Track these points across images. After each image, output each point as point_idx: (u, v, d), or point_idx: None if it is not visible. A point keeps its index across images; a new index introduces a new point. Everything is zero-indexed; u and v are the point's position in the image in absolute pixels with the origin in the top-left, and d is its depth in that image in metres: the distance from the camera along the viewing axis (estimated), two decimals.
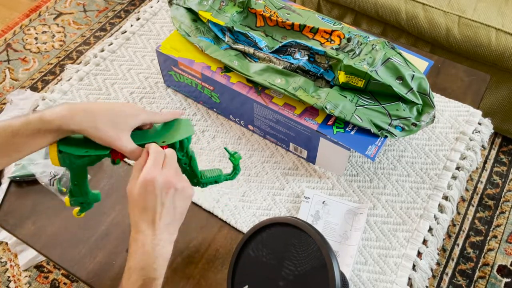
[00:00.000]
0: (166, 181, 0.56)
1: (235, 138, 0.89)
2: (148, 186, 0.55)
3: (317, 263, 0.57)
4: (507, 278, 1.31)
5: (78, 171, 0.63)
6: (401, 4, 1.39)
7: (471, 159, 0.85)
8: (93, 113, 0.58)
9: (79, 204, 0.67)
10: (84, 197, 0.66)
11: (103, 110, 0.59)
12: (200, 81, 0.86)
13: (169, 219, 0.57)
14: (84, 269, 0.73)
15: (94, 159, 0.61)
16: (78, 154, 0.59)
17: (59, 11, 2.09)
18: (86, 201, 0.67)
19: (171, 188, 0.56)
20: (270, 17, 0.88)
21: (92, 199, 0.68)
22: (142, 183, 0.55)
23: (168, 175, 0.56)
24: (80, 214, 0.68)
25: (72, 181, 0.64)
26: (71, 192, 0.65)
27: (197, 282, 0.72)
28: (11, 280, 1.32)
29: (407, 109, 0.77)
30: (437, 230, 0.77)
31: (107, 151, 0.60)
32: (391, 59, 0.77)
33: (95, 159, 0.61)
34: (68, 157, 0.59)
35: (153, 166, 0.56)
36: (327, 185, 0.82)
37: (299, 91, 0.77)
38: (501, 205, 1.45)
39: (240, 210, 0.79)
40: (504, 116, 1.46)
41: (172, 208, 0.57)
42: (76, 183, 0.64)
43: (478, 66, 1.37)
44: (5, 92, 1.80)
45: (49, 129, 0.56)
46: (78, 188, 0.64)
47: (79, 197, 0.66)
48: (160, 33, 1.07)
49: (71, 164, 0.60)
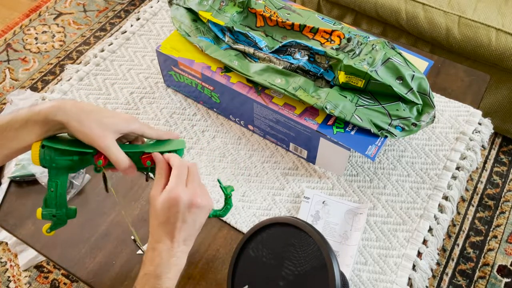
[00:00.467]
0: (190, 200, 0.56)
1: (235, 138, 0.89)
2: (172, 204, 0.56)
3: (317, 263, 0.57)
4: (507, 278, 1.31)
5: (57, 174, 0.58)
6: (401, 4, 1.39)
7: (471, 159, 0.85)
8: (82, 108, 0.57)
9: (51, 217, 0.60)
10: (59, 210, 0.60)
11: (93, 108, 0.58)
12: (200, 81, 0.86)
13: (188, 233, 0.58)
14: (84, 269, 0.73)
15: (77, 162, 0.58)
16: (60, 148, 0.56)
17: (59, 11, 2.09)
18: (59, 215, 0.61)
19: (193, 207, 0.57)
20: (270, 17, 0.88)
21: (67, 214, 0.61)
22: (166, 199, 0.56)
23: (192, 194, 0.57)
24: (50, 232, 0.62)
25: (49, 187, 0.58)
26: (45, 201, 0.59)
27: (197, 282, 0.72)
28: (11, 280, 1.32)
29: (407, 109, 0.77)
30: (437, 230, 0.77)
31: (91, 150, 0.57)
32: (391, 59, 0.77)
33: (77, 162, 0.58)
34: (49, 153, 0.56)
35: (177, 183, 0.56)
36: (327, 185, 0.82)
37: (299, 91, 0.77)
38: (501, 205, 1.45)
39: (240, 210, 0.79)
40: (504, 116, 1.46)
41: (193, 224, 0.58)
42: (52, 190, 0.58)
43: (478, 66, 1.37)
44: (5, 92, 1.80)
45: (37, 120, 0.55)
46: (54, 196, 0.59)
47: (53, 208, 0.60)
48: (160, 33, 1.07)
49: (51, 161, 0.56)
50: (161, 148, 0.62)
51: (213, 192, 0.81)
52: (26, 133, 0.56)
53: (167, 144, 0.63)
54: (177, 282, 0.73)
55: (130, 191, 0.81)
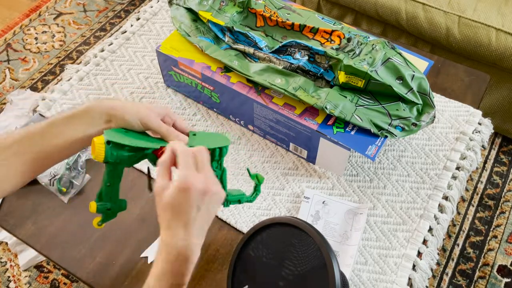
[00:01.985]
0: (203, 187, 0.53)
1: (235, 138, 0.89)
2: (185, 193, 0.52)
3: (317, 263, 0.57)
4: (507, 278, 1.31)
5: (117, 169, 0.57)
6: (401, 4, 1.39)
7: (471, 159, 0.85)
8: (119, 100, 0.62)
9: (105, 210, 0.60)
10: (113, 203, 0.60)
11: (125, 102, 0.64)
12: (200, 81, 0.86)
13: (202, 223, 0.55)
14: (84, 269, 0.73)
15: (139, 158, 0.58)
16: (128, 145, 0.56)
17: (59, 11, 2.09)
18: (113, 208, 0.61)
19: (207, 194, 0.54)
20: (270, 17, 0.88)
21: (119, 206, 0.61)
22: (178, 189, 0.52)
23: (205, 181, 0.54)
24: (101, 224, 0.61)
25: (105, 182, 0.58)
26: (100, 195, 0.59)
27: (197, 282, 0.72)
28: (11, 280, 1.32)
29: (407, 109, 0.77)
30: (437, 230, 0.77)
31: (152, 146, 0.58)
32: (391, 59, 0.77)
33: (139, 158, 0.58)
34: (116, 149, 0.55)
35: (186, 171, 0.53)
36: (327, 185, 0.82)
37: (299, 91, 0.77)
38: (501, 205, 1.45)
39: (240, 210, 0.79)
40: (504, 116, 1.46)
41: (207, 212, 0.55)
42: (109, 184, 0.58)
43: (478, 66, 1.37)
44: (5, 92, 1.80)
45: (79, 111, 0.59)
46: (111, 190, 0.59)
47: (108, 202, 0.59)
48: (160, 33, 1.07)
49: (117, 158, 0.55)
50: (206, 143, 0.59)
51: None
52: (71, 127, 0.59)
53: (211, 139, 0.60)
54: None
55: (130, 191, 0.81)
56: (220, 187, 0.56)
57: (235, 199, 0.68)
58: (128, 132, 0.59)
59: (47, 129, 0.59)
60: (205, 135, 0.65)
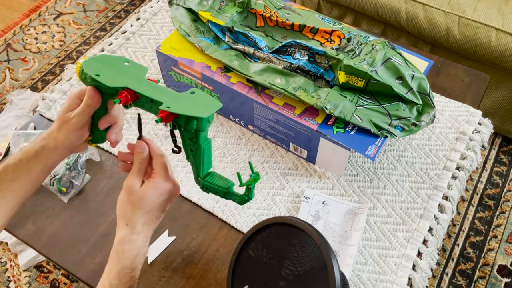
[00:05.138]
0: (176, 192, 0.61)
1: (235, 138, 0.89)
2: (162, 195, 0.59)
3: (317, 263, 0.57)
4: (507, 278, 1.31)
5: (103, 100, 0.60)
6: (401, 4, 1.39)
7: (471, 159, 0.85)
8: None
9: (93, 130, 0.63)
10: (96, 130, 0.62)
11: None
12: (200, 81, 0.86)
13: (156, 221, 0.61)
14: (84, 269, 0.73)
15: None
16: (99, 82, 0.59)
17: (59, 11, 2.10)
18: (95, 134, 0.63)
19: (173, 198, 0.62)
20: (270, 17, 0.88)
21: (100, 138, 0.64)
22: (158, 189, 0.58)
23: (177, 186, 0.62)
24: (91, 143, 0.64)
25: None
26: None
27: (197, 282, 0.72)
28: (11, 280, 1.32)
29: (407, 109, 0.77)
30: (437, 230, 0.77)
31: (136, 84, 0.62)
32: (391, 59, 0.77)
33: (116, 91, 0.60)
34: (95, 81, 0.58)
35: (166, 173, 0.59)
36: (327, 185, 0.82)
37: (299, 91, 0.77)
38: (501, 205, 1.45)
39: (240, 210, 0.79)
40: (504, 116, 1.46)
41: (164, 213, 0.62)
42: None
43: (478, 66, 1.37)
44: (5, 92, 1.80)
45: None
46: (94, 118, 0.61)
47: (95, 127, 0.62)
48: (160, 33, 1.07)
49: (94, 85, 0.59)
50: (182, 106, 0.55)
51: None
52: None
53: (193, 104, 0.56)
54: (177, 282, 0.74)
55: None
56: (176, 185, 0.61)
57: (212, 188, 0.62)
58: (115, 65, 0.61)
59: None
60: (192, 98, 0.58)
